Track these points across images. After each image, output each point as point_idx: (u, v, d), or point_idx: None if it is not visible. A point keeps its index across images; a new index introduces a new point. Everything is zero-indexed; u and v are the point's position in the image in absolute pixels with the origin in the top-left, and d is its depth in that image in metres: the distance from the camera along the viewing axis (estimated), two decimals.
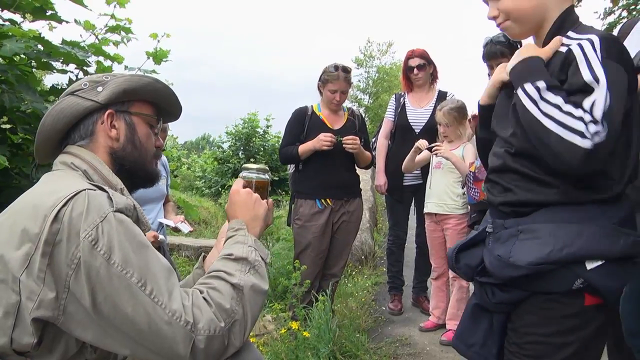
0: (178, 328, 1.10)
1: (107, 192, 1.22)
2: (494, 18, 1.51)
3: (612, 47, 1.31)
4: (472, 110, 3.26)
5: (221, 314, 1.17)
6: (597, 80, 1.25)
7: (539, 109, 1.28)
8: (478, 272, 1.49)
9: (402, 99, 4.18)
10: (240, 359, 1.26)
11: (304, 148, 3.48)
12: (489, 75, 3.37)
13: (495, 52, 3.16)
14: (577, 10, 1.51)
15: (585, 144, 1.19)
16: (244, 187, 1.53)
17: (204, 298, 1.18)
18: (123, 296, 1.10)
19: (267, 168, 1.62)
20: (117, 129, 1.41)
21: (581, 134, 1.20)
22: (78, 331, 1.14)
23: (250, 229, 1.44)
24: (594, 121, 1.21)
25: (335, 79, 3.49)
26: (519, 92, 1.34)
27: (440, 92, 4.14)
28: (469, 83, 24.67)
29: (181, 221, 3.35)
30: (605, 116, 1.21)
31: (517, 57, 1.46)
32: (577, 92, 1.28)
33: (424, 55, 4.03)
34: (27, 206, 1.17)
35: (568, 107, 1.24)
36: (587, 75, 1.26)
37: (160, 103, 1.53)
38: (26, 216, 1.14)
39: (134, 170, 1.45)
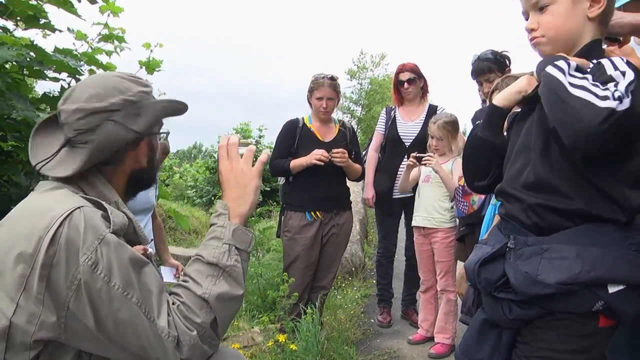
0: (168, 343, 1.17)
1: (103, 208, 1.22)
2: (532, 30, 1.52)
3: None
4: (464, 125, 3.30)
5: (192, 325, 1.22)
6: (623, 73, 1.28)
7: (567, 80, 1.28)
8: (496, 287, 1.48)
9: (392, 112, 4.21)
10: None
11: (295, 163, 3.48)
12: (478, 91, 3.42)
13: (483, 68, 3.23)
14: None
15: (610, 104, 1.19)
16: None
17: (177, 313, 1.22)
18: (124, 315, 1.14)
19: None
20: (143, 153, 1.42)
21: (605, 97, 1.21)
22: (79, 344, 1.17)
23: (236, 208, 1.40)
24: (619, 91, 1.22)
25: (320, 86, 3.52)
26: (549, 68, 1.35)
27: (430, 106, 4.17)
28: (461, 97, 24.86)
29: (174, 275, 3.15)
30: (629, 90, 1.23)
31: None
32: (600, 83, 1.29)
33: (414, 70, 4.06)
34: (21, 223, 1.17)
35: (594, 84, 1.26)
36: (613, 72, 1.30)
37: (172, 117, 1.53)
38: (20, 235, 1.14)
39: (143, 181, 1.48)
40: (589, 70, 1.39)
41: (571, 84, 1.27)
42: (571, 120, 1.25)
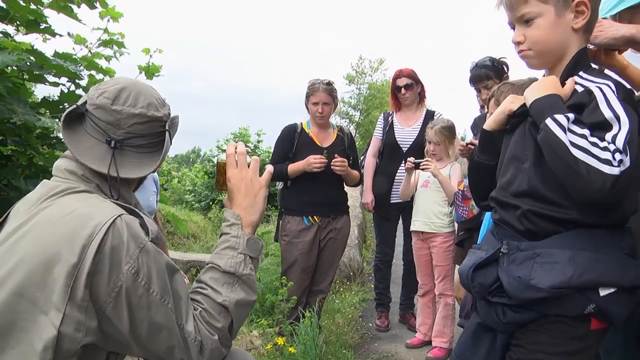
0: (193, 347, 1.24)
1: (138, 216, 1.26)
2: (519, 43, 1.54)
3: (625, 90, 1.41)
4: (463, 130, 3.33)
5: (214, 330, 1.30)
6: (617, 117, 1.32)
7: (567, 138, 1.31)
8: (490, 291, 1.51)
9: (390, 117, 4.23)
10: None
11: (293, 168, 3.50)
12: (477, 97, 3.44)
13: (481, 75, 3.25)
14: None
15: (614, 171, 1.24)
16: (223, 169, 1.54)
17: (200, 319, 1.29)
18: (159, 320, 1.20)
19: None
20: None
21: (609, 162, 1.25)
22: (113, 346, 1.21)
23: (248, 217, 1.46)
24: (619, 150, 1.27)
25: (316, 91, 3.54)
26: (549, 121, 1.36)
27: (428, 111, 4.20)
28: (460, 103, 24.88)
29: None
30: (627, 145, 1.28)
31: (539, 89, 1.48)
32: (597, 128, 1.34)
33: (411, 75, 4.09)
34: (57, 230, 1.16)
35: (594, 139, 1.30)
36: (607, 113, 1.33)
37: None
38: (59, 242, 1.13)
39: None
40: (580, 99, 1.42)
41: (572, 144, 1.30)
42: (579, 184, 1.30)
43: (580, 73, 1.50)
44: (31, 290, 1.11)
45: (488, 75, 3.23)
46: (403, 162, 3.96)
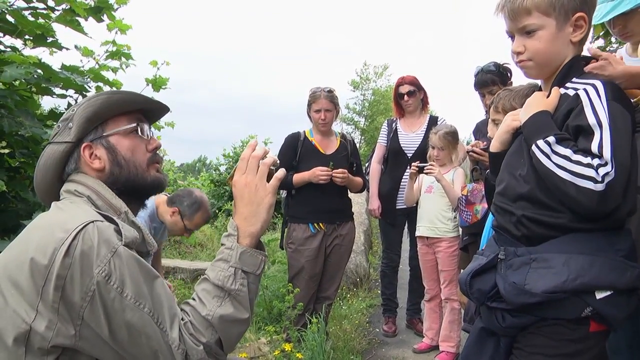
0: (178, 355, 1.20)
1: (114, 223, 1.25)
2: (518, 53, 1.57)
3: (614, 90, 1.43)
4: (466, 135, 3.34)
5: (199, 342, 1.24)
6: (599, 123, 1.36)
7: (552, 162, 1.38)
8: (489, 297, 1.53)
9: (394, 124, 4.26)
10: None
11: (298, 178, 3.54)
12: (481, 102, 3.46)
13: (486, 80, 3.26)
14: None
15: (598, 187, 1.29)
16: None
17: (184, 330, 1.24)
18: (136, 325, 1.17)
19: (268, 149, 1.48)
20: (99, 158, 1.40)
21: (593, 180, 1.30)
22: (94, 352, 1.20)
23: (247, 228, 1.35)
24: (603, 163, 1.31)
25: (318, 99, 3.59)
26: (533, 148, 1.44)
27: (431, 117, 4.24)
28: (464, 109, 24.78)
29: None
30: (613, 154, 1.31)
31: (527, 108, 1.56)
32: (580, 133, 1.39)
33: (414, 82, 4.12)
34: (35, 234, 1.21)
35: (577, 157, 1.35)
36: (591, 119, 1.37)
37: (130, 109, 1.47)
38: (34, 246, 1.17)
39: (132, 186, 1.43)
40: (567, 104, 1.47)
41: (557, 166, 1.37)
42: (570, 203, 1.37)
43: (573, 79, 1.53)
44: (7, 288, 1.16)
45: (493, 80, 3.25)
46: (408, 168, 3.98)
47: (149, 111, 1.54)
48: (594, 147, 1.34)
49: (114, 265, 1.16)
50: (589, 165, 1.32)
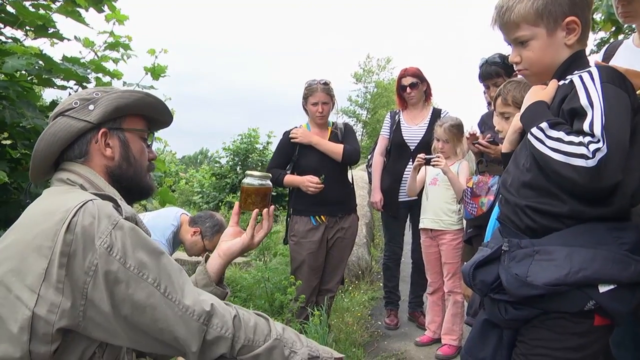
0: (191, 322, 1.20)
1: (112, 200, 1.26)
2: (516, 64, 1.61)
3: (610, 72, 1.43)
4: (471, 127, 3.32)
5: (237, 324, 1.27)
6: (591, 103, 1.35)
7: (547, 146, 1.38)
8: (492, 289, 1.53)
9: (397, 116, 4.24)
10: None
11: (290, 180, 3.59)
12: (484, 93, 3.44)
13: (491, 72, 3.24)
14: None
15: (589, 163, 1.28)
16: (247, 193, 1.62)
17: (236, 312, 1.28)
18: (140, 296, 1.17)
19: (270, 175, 1.70)
20: (111, 147, 1.41)
21: (584, 156, 1.29)
22: (97, 333, 1.19)
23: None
24: (594, 141, 1.30)
25: (314, 92, 3.58)
26: (529, 136, 1.46)
27: (434, 109, 4.20)
28: (468, 100, 24.73)
29: None
30: (605, 130, 1.30)
31: (525, 102, 1.58)
32: (575, 115, 1.39)
33: (416, 74, 4.08)
34: (36, 222, 1.20)
35: (569, 137, 1.34)
36: (583, 100, 1.37)
37: (151, 115, 1.52)
38: (37, 232, 1.17)
39: (130, 186, 1.46)
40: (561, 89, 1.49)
41: (552, 149, 1.37)
42: (567, 183, 1.37)
43: (575, 72, 1.52)
44: (7, 277, 1.15)
45: (498, 72, 3.22)
46: (411, 160, 3.97)
47: (152, 120, 1.56)
48: (586, 126, 1.33)
49: (116, 236, 1.16)
50: (580, 144, 1.31)
